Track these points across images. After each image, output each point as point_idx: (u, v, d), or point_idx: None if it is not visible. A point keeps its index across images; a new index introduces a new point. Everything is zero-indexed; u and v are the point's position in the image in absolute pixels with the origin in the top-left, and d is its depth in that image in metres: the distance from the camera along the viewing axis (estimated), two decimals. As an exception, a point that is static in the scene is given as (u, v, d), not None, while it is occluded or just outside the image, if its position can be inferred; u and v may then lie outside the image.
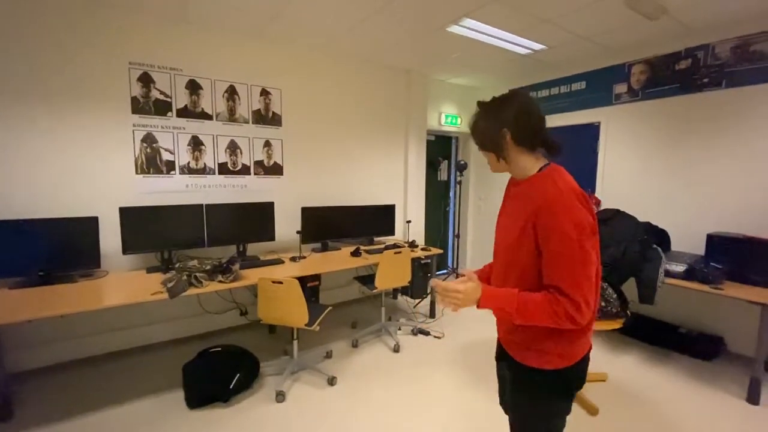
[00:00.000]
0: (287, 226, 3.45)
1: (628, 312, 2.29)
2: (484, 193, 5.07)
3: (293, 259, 3.08)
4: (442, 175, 5.12)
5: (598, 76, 3.71)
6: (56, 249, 2.42)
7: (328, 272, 2.94)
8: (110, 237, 2.65)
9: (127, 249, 2.62)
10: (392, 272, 2.99)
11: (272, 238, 3.23)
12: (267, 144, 3.39)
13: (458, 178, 4.11)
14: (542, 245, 1.02)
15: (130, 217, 2.62)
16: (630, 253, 2.80)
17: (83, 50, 2.57)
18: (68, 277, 2.44)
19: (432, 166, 4.82)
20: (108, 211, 2.66)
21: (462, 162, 3.81)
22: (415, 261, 3.21)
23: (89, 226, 2.53)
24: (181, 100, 2.95)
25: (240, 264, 2.76)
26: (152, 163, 2.88)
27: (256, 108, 3.31)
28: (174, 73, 2.90)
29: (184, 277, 2.33)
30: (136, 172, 2.83)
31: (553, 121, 4.15)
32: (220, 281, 2.44)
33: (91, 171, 2.66)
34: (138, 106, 2.79)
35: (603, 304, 2.07)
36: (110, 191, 2.73)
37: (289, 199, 3.52)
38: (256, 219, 3.16)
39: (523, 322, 1.03)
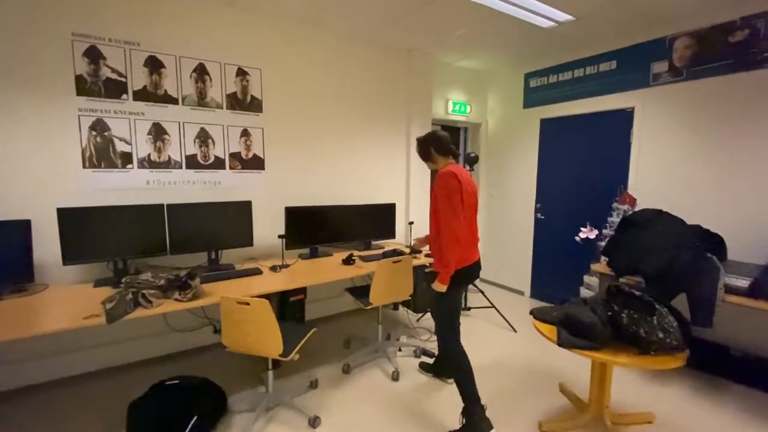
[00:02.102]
0: (269, 228, 3.03)
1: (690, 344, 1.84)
2: (496, 189, 4.62)
3: (274, 268, 2.66)
4: (449, 170, 4.67)
5: (632, 53, 3.23)
6: (-24, 260, 2.01)
7: (314, 285, 2.50)
8: (51, 244, 2.24)
9: (67, 259, 2.21)
10: (391, 284, 2.56)
11: (250, 243, 2.80)
12: (245, 133, 2.96)
13: (470, 172, 3.64)
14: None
15: (71, 219, 2.21)
16: (679, 263, 2.34)
17: (11, 16, 2.14)
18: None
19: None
20: (47, 213, 2.25)
21: (472, 155, 3.37)
22: (418, 269, 2.78)
23: (18, 231, 2.12)
24: (138, 80, 2.52)
25: (205, 276, 2.35)
26: (104, 155, 2.46)
27: (232, 91, 2.88)
28: (129, 48, 2.48)
29: (129, 296, 1.91)
30: (84, 166, 2.41)
31: (575, 107, 3.69)
32: (177, 299, 2.02)
33: (23, 164, 2.24)
34: (84, 87, 2.36)
35: (660, 335, 1.62)
36: (49, 189, 2.31)
37: (271, 198, 3.10)
38: (230, 221, 2.73)
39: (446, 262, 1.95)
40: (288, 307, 2.59)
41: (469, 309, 3.66)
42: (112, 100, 2.45)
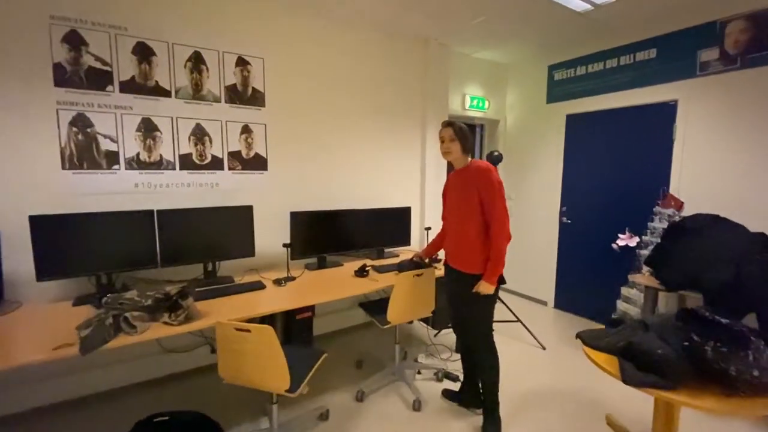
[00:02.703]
0: (272, 236, 2.74)
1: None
2: (514, 192, 4.32)
3: (278, 281, 2.37)
4: (465, 171, 4.38)
5: (676, 40, 2.93)
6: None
7: (323, 302, 2.20)
8: (27, 256, 1.97)
9: (42, 274, 1.93)
10: (411, 301, 2.27)
11: (251, 253, 2.52)
12: (246, 129, 2.68)
13: None
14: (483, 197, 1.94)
15: (45, 228, 1.93)
16: (748, 277, 2.04)
17: (-22, -5, 1.87)
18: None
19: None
20: (20, 221, 1.98)
21: (496, 153, 3.08)
22: (438, 281, 2.49)
23: (-16, 242, 1.84)
24: (126, 69, 2.25)
25: (200, 292, 2.07)
26: (86, 154, 2.19)
27: (231, 82, 2.60)
28: (115, 33, 2.20)
29: (109, 320, 1.63)
30: (64, 167, 2.13)
31: (607, 101, 3.39)
32: (166, 322, 1.73)
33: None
34: (64, 77, 2.09)
35: (756, 373, 1.33)
36: (23, 193, 2.04)
37: (274, 202, 2.81)
38: (229, 228, 2.45)
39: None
40: (294, 326, 2.30)
41: (491, 323, 3.37)
42: (95, 92, 2.18)
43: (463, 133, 1.99)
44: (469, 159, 2.04)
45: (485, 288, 1.92)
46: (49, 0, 2.02)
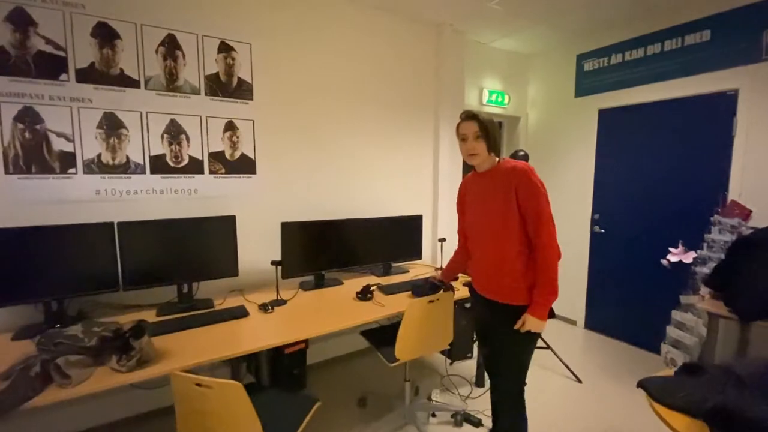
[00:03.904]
0: (260, 250, 2.39)
1: None
2: (538, 197, 3.91)
3: (264, 307, 2.01)
4: (482, 174, 3.99)
5: (736, 19, 2.53)
6: None
7: (319, 336, 1.83)
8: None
9: (-29, 302, 1.60)
10: (425, 332, 1.90)
11: (233, 272, 2.17)
12: (230, 126, 2.34)
13: None
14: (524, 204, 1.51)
15: (-24, 246, 1.60)
16: None
17: None
18: None
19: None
20: (-53, 237, 1.65)
21: (522, 153, 2.70)
22: (455, 305, 2.11)
23: None
24: (83, 55, 1.92)
25: (163, 323, 1.72)
26: (34, 156, 1.86)
27: (212, 71, 2.26)
28: (70, 11, 1.88)
29: (36, 368, 1.28)
30: (7, 171, 1.81)
31: (648, 93, 2.99)
32: (113, 368, 1.38)
33: None
34: (8, 63, 1.77)
35: None
36: (-46, 202, 1.71)
37: (263, 211, 2.46)
38: (208, 243, 2.10)
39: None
40: (282, 362, 1.93)
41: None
42: (46, 81, 1.85)
43: (492, 128, 1.56)
44: (497, 159, 1.62)
45: (535, 324, 1.49)
46: (-14, -30, 1.70)
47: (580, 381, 2.63)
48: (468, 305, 2.26)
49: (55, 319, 1.77)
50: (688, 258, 2.44)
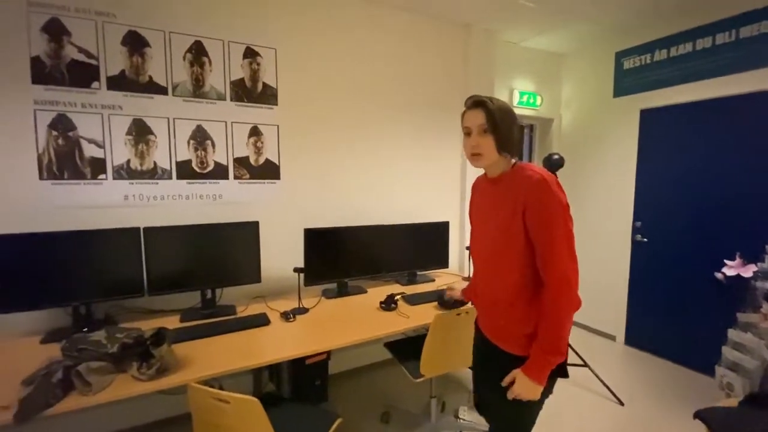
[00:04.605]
0: (283, 257, 2.37)
1: None
2: (574, 202, 3.71)
3: (286, 315, 1.97)
4: (512, 178, 3.84)
5: (800, 6, 2.30)
6: None
7: (341, 346, 1.77)
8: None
9: (4, 305, 1.65)
10: (452, 347, 1.80)
11: (256, 278, 2.15)
12: (255, 132, 2.34)
13: None
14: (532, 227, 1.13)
15: (10, 249, 1.65)
16: None
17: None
18: None
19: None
20: (-15, 240, 1.71)
21: (556, 157, 2.55)
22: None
23: (-63, 267, 1.58)
24: (114, 63, 1.97)
25: (185, 331, 1.71)
26: (67, 162, 1.91)
27: (238, 77, 2.27)
28: (102, 20, 1.93)
29: (58, 375, 1.28)
30: (41, 177, 1.86)
31: (699, 91, 2.78)
32: (135, 376, 1.37)
33: (-43, 175, 1.72)
34: (43, 72, 1.83)
35: None
36: (-8, 207, 1.78)
37: (287, 216, 2.44)
38: (231, 249, 2.10)
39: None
40: (303, 373, 1.89)
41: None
42: (79, 89, 1.90)
43: (503, 120, 1.17)
44: (513, 161, 1.25)
45: (526, 389, 1.12)
46: (26, -17, 1.77)
47: (621, 403, 2.44)
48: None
49: (83, 322, 1.80)
50: (748, 272, 2.22)
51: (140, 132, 2.05)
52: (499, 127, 1.16)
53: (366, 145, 2.72)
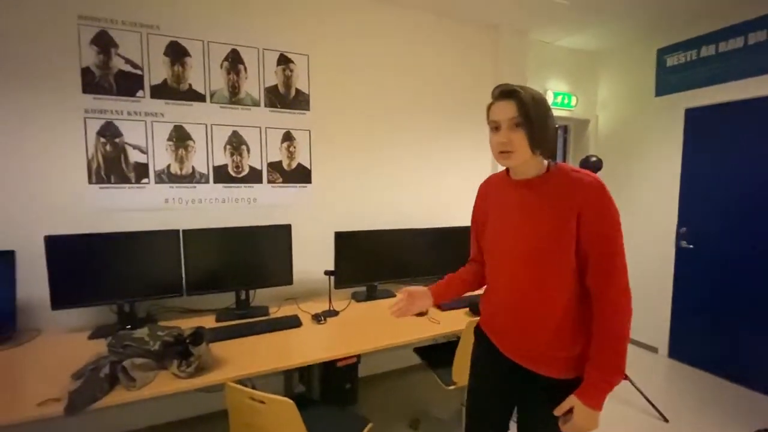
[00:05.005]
0: (314, 260, 2.40)
1: None
2: (610, 208, 3.57)
3: (317, 317, 2.00)
4: (545, 182, 3.73)
5: None
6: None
7: (371, 350, 1.77)
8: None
9: (57, 302, 1.75)
10: (483, 354, 1.75)
11: (288, 280, 2.19)
12: (287, 137, 2.39)
13: None
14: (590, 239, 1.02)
15: (62, 250, 1.76)
16: None
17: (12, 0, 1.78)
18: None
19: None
20: (41, 241, 1.83)
21: (594, 159, 2.46)
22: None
23: (0, 265, 1.70)
24: (157, 72, 2.07)
25: (221, 330, 1.76)
26: (114, 167, 2.02)
27: (272, 84, 2.33)
28: (147, 32, 2.03)
29: (105, 371, 1.35)
30: (90, 181, 1.98)
31: (755, 87, 2.60)
32: (175, 374, 1.42)
33: (15, 179, 1.85)
34: (93, 82, 1.95)
35: None
36: (48, 210, 1.90)
37: (318, 220, 2.48)
38: (265, 251, 2.15)
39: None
40: (334, 376, 1.90)
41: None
42: (125, 98, 2.01)
43: (537, 112, 1.03)
44: (546, 162, 1.11)
45: (587, 419, 1.01)
46: (78, -1, 1.89)
47: (666, 420, 2.30)
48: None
49: (127, 320, 1.89)
50: (810, 282, 2.05)
51: (180, 138, 2.14)
52: (533, 120, 1.02)
53: (395, 148, 2.72)
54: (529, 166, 1.10)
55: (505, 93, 1.06)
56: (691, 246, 2.99)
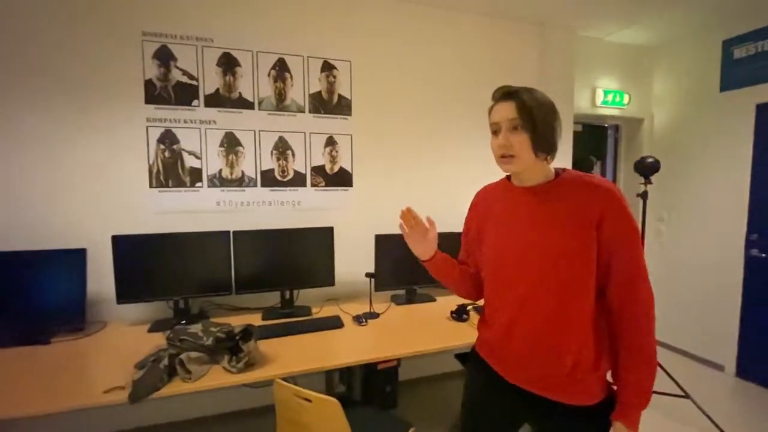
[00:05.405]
0: (355, 262, 2.44)
1: None
2: (667, 211, 3.35)
3: (358, 319, 2.03)
4: (594, 184, 3.54)
5: None
6: (30, 295, 1.81)
7: (411, 354, 1.77)
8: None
9: (121, 297, 1.91)
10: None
11: (330, 281, 2.24)
12: (330, 141, 2.45)
13: (644, 188, 2.42)
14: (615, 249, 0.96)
15: (127, 249, 1.91)
16: None
17: (84, 20, 1.97)
18: (47, 333, 1.78)
19: (579, 170, 3.27)
20: (108, 240, 2.00)
21: (651, 160, 2.31)
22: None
23: (73, 262, 1.87)
24: (211, 82, 2.20)
25: (270, 328, 1.83)
26: (172, 172, 2.17)
27: (315, 90, 2.40)
28: (202, 45, 2.17)
29: (165, 362, 1.44)
30: (151, 185, 2.14)
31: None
32: (226, 368, 1.50)
33: (90, 184, 2.03)
34: (154, 94, 2.11)
35: None
36: (113, 211, 2.08)
37: (358, 223, 2.51)
38: (308, 253, 2.21)
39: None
40: (374, 378, 1.92)
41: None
42: (182, 107, 2.16)
43: (540, 113, 0.99)
44: (554, 169, 1.07)
45: None
46: (142, 16, 2.06)
47: (734, 444, 2.11)
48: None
49: (181, 315, 2.01)
50: None
51: (231, 144, 2.26)
52: (535, 121, 0.97)
53: (436, 152, 2.71)
54: (535, 171, 1.04)
55: (505, 94, 1.04)
56: (764, 255, 2.72)
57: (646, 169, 2.31)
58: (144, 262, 1.94)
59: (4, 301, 1.79)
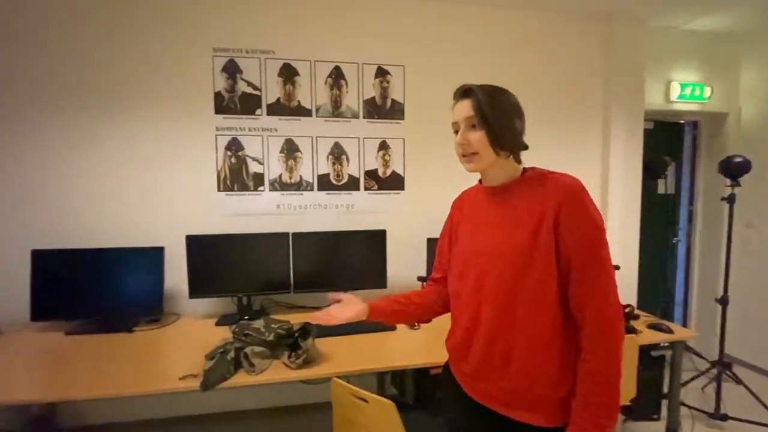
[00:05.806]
0: (406, 265, 2.45)
1: None
2: (758, 217, 2.98)
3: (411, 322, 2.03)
4: (668, 186, 3.27)
5: None
6: (114, 288, 2.03)
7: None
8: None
9: (193, 292, 2.08)
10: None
11: (381, 284, 2.27)
12: (383, 146, 2.49)
13: (731, 191, 2.17)
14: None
15: (199, 248, 2.08)
16: None
17: (162, 36, 2.18)
18: (130, 322, 1.99)
19: (650, 172, 3.04)
20: (182, 239, 2.18)
21: (739, 160, 2.08)
22: (641, 351, 1.72)
23: (153, 259, 2.07)
24: (272, 92, 2.33)
25: (324, 327, 1.88)
26: (237, 177, 2.33)
27: (369, 96, 2.46)
28: (264, 57, 2.31)
29: (231, 354, 1.55)
30: (219, 189, 2.31)
31: None
32: (285, 363, 1.58)
33: (167, 188, 2.24)
34: (222, 105, 2.28)
35: None
36: (186, 213, 2.27)
37: (410, 226, 2.52)
38: (361, 255, 2.27)
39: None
40: (426, 383, 1.91)
41: (725, 418, 2.25)
42: (247, 116, 2.31)
43: (494, 108, 0.94)
44: (521, 167, 1.02)
45: None
46: (213, 34, 2.24)
47: None
48: (654, 354, 1.83)
49: (244, 311, 2.15)
50: None
51: (290, 150, 2.38)
52: (488, 117, 0.92)
53: (491, 153, 2.65)
54: (499, 170, 1.00)
55: (462, 93, 0.99)
56: None
57: (734, 169, 2.08)
58: (213, 260, 2.10)
59: (92, 292, 2.02)
